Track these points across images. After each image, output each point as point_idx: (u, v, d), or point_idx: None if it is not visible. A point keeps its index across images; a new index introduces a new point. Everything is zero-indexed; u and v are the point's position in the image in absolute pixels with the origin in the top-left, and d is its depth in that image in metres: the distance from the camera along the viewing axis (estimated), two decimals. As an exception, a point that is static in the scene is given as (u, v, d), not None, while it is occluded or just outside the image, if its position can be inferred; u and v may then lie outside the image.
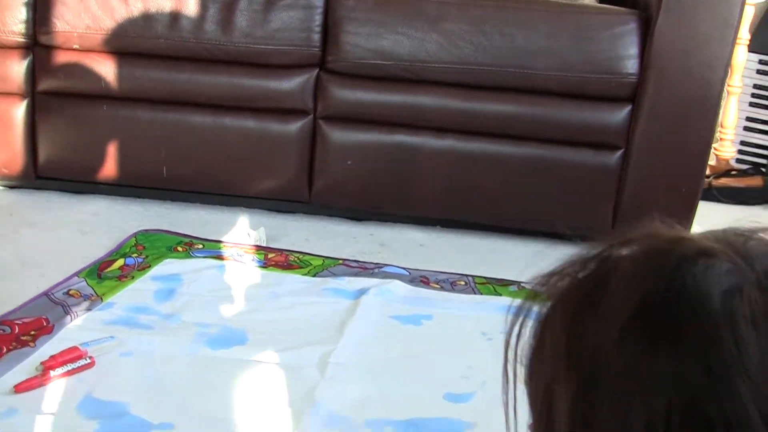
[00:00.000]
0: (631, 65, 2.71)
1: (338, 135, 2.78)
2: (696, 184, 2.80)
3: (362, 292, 2.32)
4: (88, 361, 1.89)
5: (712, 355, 0.63)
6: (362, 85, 2.75)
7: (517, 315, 0.76)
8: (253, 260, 2.50)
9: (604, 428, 0.65)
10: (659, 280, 0.66)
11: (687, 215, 2.75)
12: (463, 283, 2.47)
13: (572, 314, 0.70)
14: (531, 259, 0.75)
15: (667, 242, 0.69)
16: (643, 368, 0.64)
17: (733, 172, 3.82)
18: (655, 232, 0.72)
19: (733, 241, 0.69)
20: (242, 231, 2.69)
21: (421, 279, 2.46)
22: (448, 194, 2.83)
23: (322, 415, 1.77)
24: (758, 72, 3.82)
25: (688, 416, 0.62)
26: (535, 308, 0.75)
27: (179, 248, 2.53)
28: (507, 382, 0.78)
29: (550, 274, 0.74)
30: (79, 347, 1.92)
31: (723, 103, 3.68)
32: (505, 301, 2.32)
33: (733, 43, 2.75)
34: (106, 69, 2.74)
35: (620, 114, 2.75)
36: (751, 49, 3.71)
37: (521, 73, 2.72)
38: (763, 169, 3.84)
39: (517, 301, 0.76)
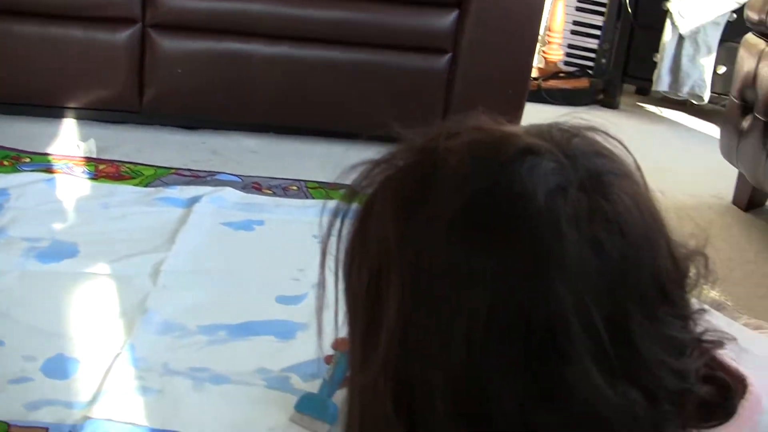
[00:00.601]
0: (458, -30, 2.75)
1: (168, 43, 2.74)
2: (522, 86, 2.89)
3: (194, 200, 2.33)
4: None
5: (534, 255, 0.63)
6: (191, -8, 2.72)
7: (334, 215, 0.75)
8: (83, 172, 2.46)
9: (429, 326, 0.66)
10: (485, 178, 0.66)
11: (515, 116, 2.83)
12: (295, 188, 2.50)
13: (399, 207, 0.69)
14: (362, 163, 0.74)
15: (494, 138, 0.69)
16: (467, 266, 0.64)
17: (561, 75, 3.93)
18: (480, 125, 0.71)
19: (558, 139, 0.69)
20: (71, 143, 2.64)
21: (253, 185, 2.48)
22: (281, 101, 2.84)
23: (155, 323, 1.79)
24: (584, -23, 3.93)
25: (509, 319, 0.63)
26: (354, 207, 0.74)
27: (5, 162, 2.47)
28: (323, 285, 0.78)
29: (373, 165, 0.73)
30: None
31: (550, 7, 3.78)
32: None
33: (554, -52, 2.82)
34: None
35: (448, 18, 2.79)
36: (577, -46, 3.80)
37: (350, -22, 2.74)
38: (590, 71, 3.96)
39: (334, 202, 0.75)
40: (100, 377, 1.59)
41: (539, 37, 3.15)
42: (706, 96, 3.59)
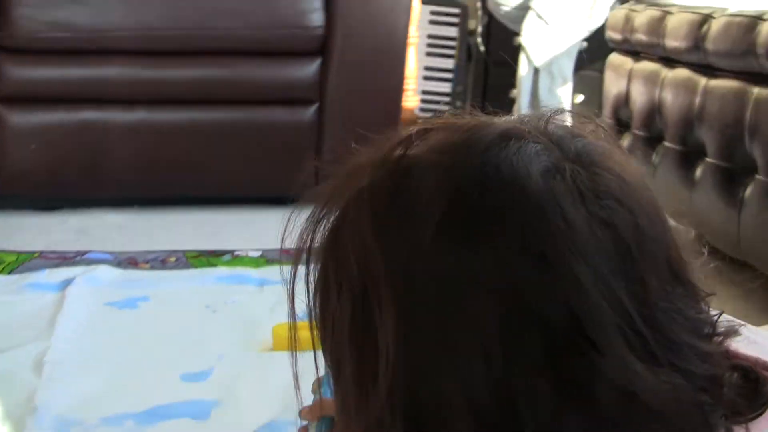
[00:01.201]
0: (317, 18, 2.69)
1: (18, 118, 2.60)
2: (394, 128, 2.82)
3: (67, 282, 2.15)
4: None
5: (542, 239, 0.57)
6: (40, 62, 2.59)
7: (296, 259, 0.68)
8: (-64, 267, 2.26)
9: (435, 343, 0.58)
10: (469, 168, 0.60)
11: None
12: (174, 259, 2.35)
13: (376, 220, 0.62)
14: (241, 227, 0.66)
15: (468, 129, 0.63)
16: (464, 268, 0.57)
17: (419, 121, 3.91)
18: (448, 120, 0.67)
19: (534, 123, 0.64)
20: None
21: (128, 261, 2.31)
22: (144, 170, 2.71)
23: (48, 421, 1.59)
24: (431, 23, 3.97)
25: (524, 316, 0.56)
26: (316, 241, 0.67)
27: None
28: (294, 332, 0.71)
29: (331, 191, 0.67)
30: None
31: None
32: (221, 271, 2.23)
33: (410, -10, 2.80)
34: None
35: (311, 68, 2.73)
36: (424, 1, 3.83)
37: (206, 34, 2.66)
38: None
39: (294, 249, 0.68)
40: (-5, 494, 1.40)
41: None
42: (568, 126, 3.61)
